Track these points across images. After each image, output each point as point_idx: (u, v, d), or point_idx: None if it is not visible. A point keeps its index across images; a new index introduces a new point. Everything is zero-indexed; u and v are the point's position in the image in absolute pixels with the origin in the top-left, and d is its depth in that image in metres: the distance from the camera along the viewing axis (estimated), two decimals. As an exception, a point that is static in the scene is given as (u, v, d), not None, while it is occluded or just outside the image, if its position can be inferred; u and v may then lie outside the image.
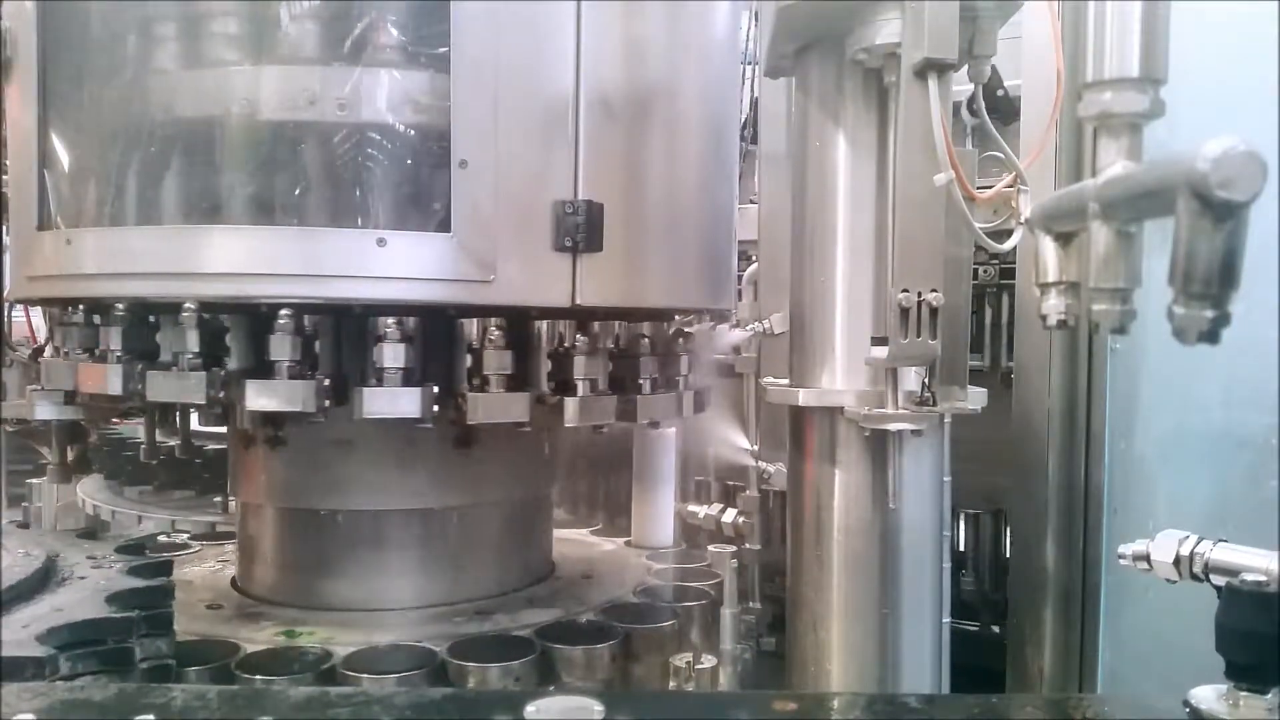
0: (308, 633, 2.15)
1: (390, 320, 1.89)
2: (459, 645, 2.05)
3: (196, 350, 1.90)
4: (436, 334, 2.01)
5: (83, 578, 1.84)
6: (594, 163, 2.03)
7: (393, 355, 1.89)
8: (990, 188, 2.12)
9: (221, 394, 1.89)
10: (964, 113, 2.64)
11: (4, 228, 2.32)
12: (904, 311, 1.92)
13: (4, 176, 2.32)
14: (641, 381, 2.18)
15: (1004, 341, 3.33)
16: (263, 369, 1.90)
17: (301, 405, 1.86)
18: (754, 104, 3.27)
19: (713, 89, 2.36)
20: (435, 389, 1.94)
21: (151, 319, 2.00)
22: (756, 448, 3.21)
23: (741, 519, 3.25)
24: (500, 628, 2.19)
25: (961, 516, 3.42)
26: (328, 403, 1.89)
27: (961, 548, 3.44)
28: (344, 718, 1.20)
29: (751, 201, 3.24)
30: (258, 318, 1.92)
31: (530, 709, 1.17)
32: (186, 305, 1.88)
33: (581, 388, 2.04)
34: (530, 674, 1.99)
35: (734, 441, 3.24)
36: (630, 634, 2.19)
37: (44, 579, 1.82)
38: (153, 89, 2.06)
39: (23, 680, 1.40)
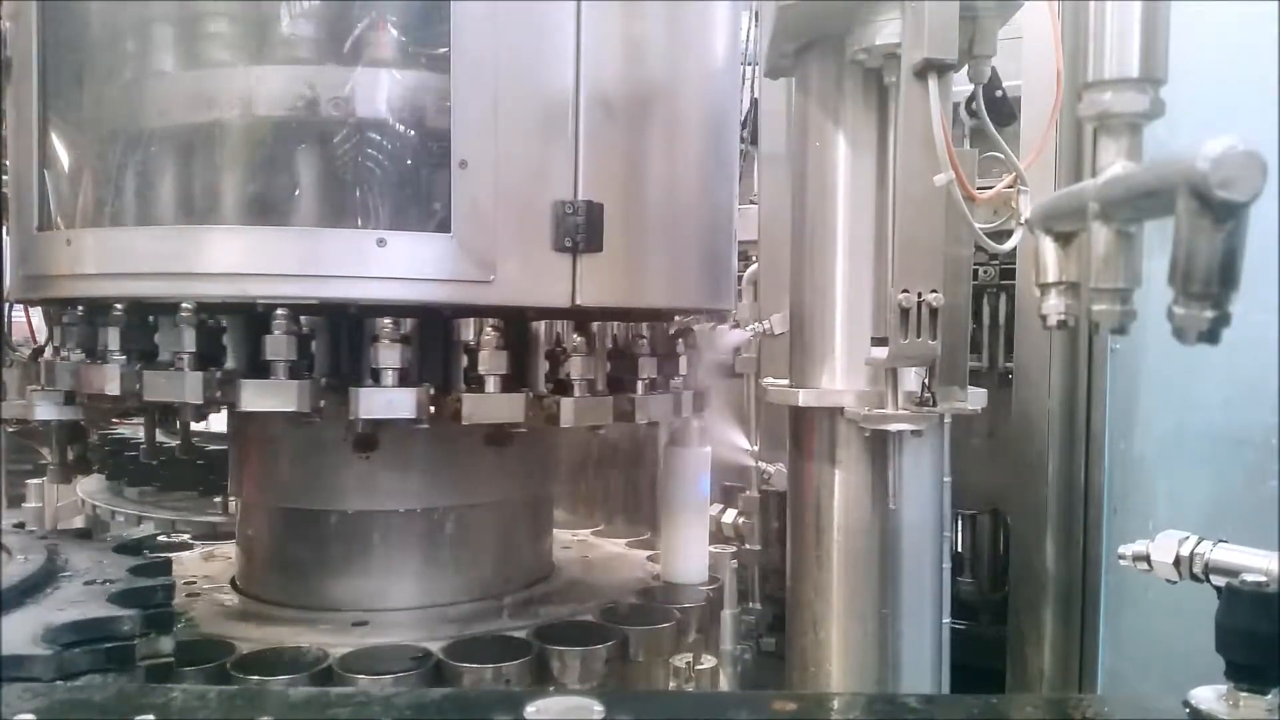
0: (182, 613, 2.13)
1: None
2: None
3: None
4: (433, 334, 2.00)
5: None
6: (594, 163, 2.03)
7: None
8: (990, 188, 2.12)
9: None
10: (962, 113, 2.63)
11: (4, 228, 2.31)
12: (904, 312, 1.92)
13: (4, 177, 2.32)
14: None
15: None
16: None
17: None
18: (753, 104, 3.26)
19: (713, 89, 2.36)
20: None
21: (151, 319, 1.99)
22: (756, 448, 3.21)
23: (741, 519, 3.25)
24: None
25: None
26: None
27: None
28: (344, 717, 1.19)
29: (751, 202, 3.24)
30: (255, 317, 1.92)
31: (530, 709, 1.17)
32: (184, 305, 1.87)
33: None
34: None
35: (734, 442, 3.24)
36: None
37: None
38: (153, 89, 2.07)
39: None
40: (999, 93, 2.92)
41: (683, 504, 2.60)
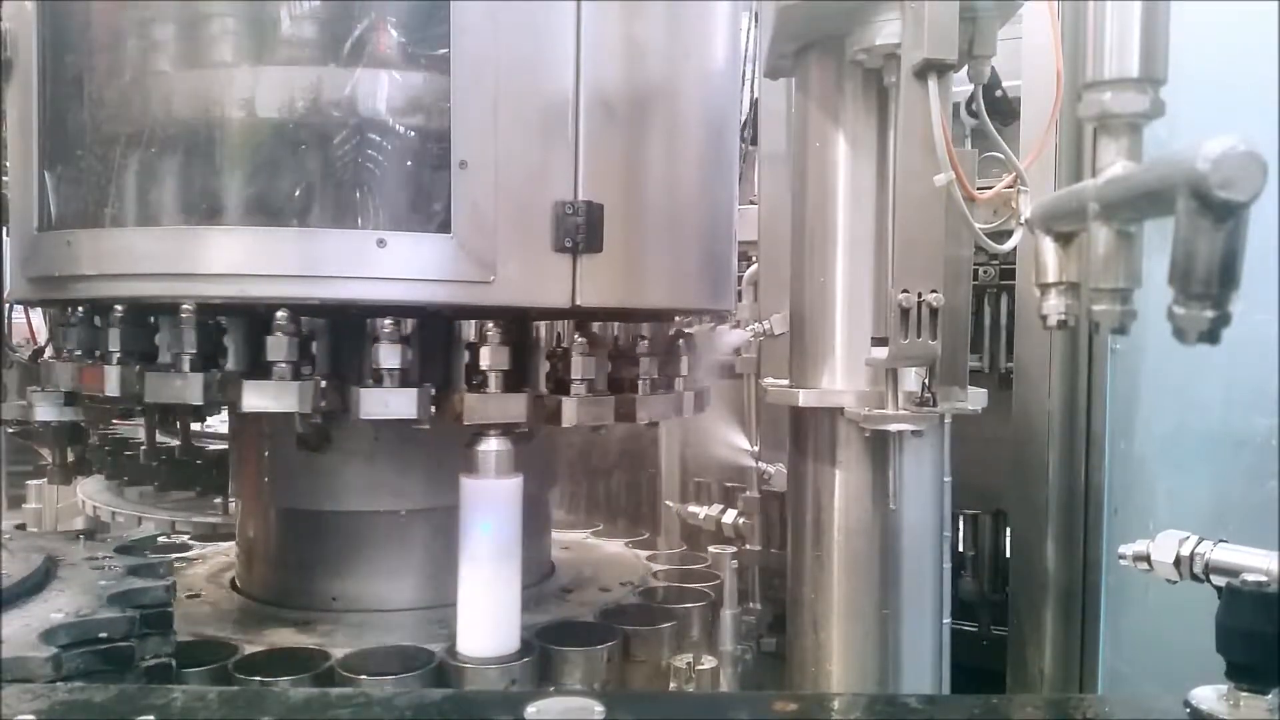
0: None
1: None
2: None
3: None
4: (434, 334, 2.00)
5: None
6: (594, 163, 2.03)
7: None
8: (990, 188, 2.12)
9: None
10: (963, 113, 2.63)
11: (4, 228, 2.31)
12: (904, 312, 1.92)
13: (4, 177, 2.32)
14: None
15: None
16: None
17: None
18: (754, 104, 3.26)
19: (713, 89, 2.36)
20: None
21: (151, 320, 2.00)
22: (756, 448, 3.21)
23: (741, 520, 3.25)
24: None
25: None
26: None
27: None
28: (344, 718, 1.19)
29: (751, 202, 3.24)
30: (256, 318, 1.92)
31: (530, 709, 1.17)
32: (184, 306, 1.87)
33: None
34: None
35: (734, 442, 3.23)
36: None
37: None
38: (152, 89, 2.06)
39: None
40: (999, 92, 2.92)
41: (478, 551, 1.93)
